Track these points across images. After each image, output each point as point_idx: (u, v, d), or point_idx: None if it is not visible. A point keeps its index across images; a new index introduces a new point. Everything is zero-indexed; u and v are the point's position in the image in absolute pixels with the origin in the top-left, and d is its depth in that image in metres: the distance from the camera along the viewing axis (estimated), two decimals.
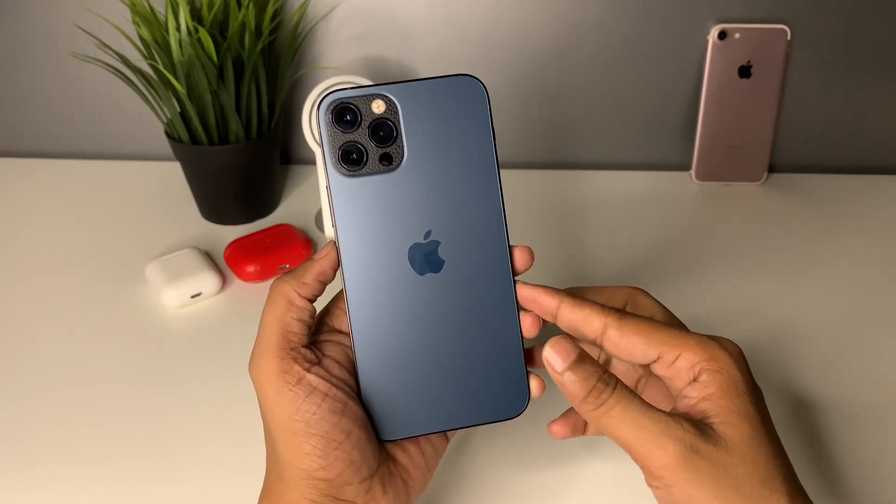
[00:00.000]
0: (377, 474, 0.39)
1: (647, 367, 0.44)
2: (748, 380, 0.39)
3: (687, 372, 0.39)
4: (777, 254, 0.73)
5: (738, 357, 0.39)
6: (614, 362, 0.45)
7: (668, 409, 0.38)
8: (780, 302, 0.66)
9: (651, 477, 0.36)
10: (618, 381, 0.37)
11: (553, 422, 0.45)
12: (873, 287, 0.68)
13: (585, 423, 0.45)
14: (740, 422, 0.37)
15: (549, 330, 0.42)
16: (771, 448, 0.37)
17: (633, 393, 0.37)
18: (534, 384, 0.41)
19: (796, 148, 0.86)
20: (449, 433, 0.43)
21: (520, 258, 0.40)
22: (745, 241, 0.75)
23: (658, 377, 0.41)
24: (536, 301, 0.40)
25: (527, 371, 0.40)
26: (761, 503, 0.35)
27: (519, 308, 0.40)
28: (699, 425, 0.36)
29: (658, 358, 0.39)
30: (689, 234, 0.76)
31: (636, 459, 0.37)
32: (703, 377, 0.38)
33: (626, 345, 0.39)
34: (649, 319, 0.41)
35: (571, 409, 0.45)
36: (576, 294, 0.40)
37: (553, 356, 0.37)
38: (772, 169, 0.86)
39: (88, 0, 0.79)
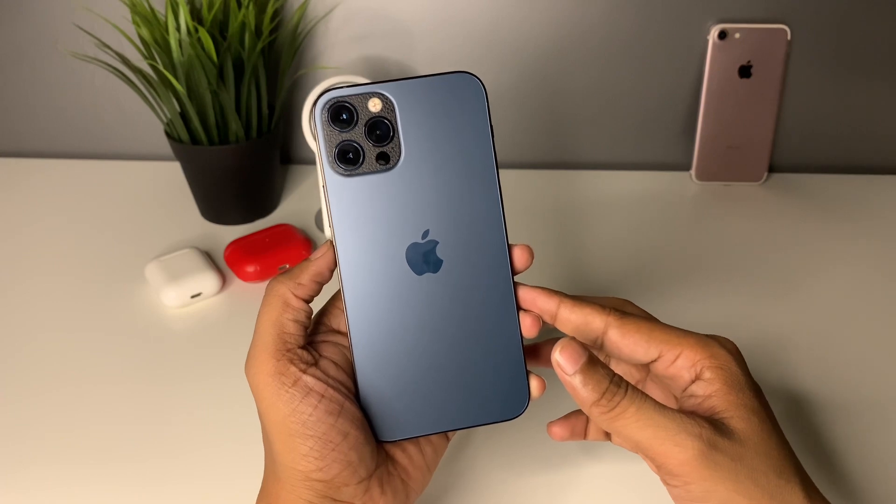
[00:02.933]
0: (375, 475, 0.39)
1: (644, 371, 0.44)
2: (748, 376, 0.39)
3: (688, 370, 0.39)
4: (777, 253, 0.73)
5: (737, 354, 0.40)
6: (612, 367, 0.45)
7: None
8: (780, 301, 0.66)
9: (669, 475, 0.36)
10: (628, 383, 0.37)
11: (553, 423, 0.45)
12: (873, 286, 0.68)
13: (586, 428, 0.45)
14: (749, 415, 0.37)
15: (547, 329, 0.41)
16: (780, 440, 0.37)
17: (644, 393, 0.37)
18: (534, 384, 0.40)
19: (796, 148, 0.86)
20: (449, 433, 0.43)
21: (519, 257, 0.40)
22: (745, 241, 0.75)
23: (658, 378, 0.41)
24: (535, 302, 0.40)
25: (527, 371, 0.40)
26: (778, 493, 0.36)
27: (519, 308, 0.40)
28: (711, 421, 0.36)
29: (658, 357, 0.39)
30: (689, 234, 0.76)
31: (653, 459, 0.37)
32: (707, 374, 0.38)
33: (628, 344, 0.39)
34: (649, 319, 0.41)
35: (573, 411, 0.45)
36: (574, 296, 0.40)
37: (562, 359, 0.37)
38: (772, 169, 0.86)
39: (88, 0, 0.79)
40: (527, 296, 0.40)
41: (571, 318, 0.40)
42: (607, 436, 0.45)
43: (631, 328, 0.39)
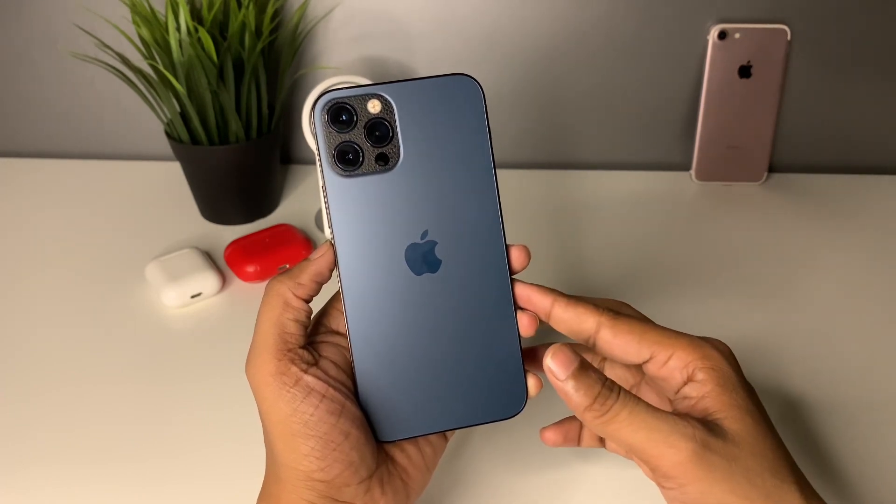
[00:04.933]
0: (376, 475, 0.39)
1: (639, 376, 0.44)
2: (741, 377, 0.39)
3: (680, 371, 0.39)
4: (776, 253, 0.73)
5: (729, 355, 0.40)
6: (607, 370, 0.45)
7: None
8: (780, 301, 0.66)
9: (664, 478, 0.36)
10: (620, 387, 0.37)
11: (546, 428, 0.45)
12: (873, 287, 0.68)
13: (579, 434, 0.45)
14: (743, 416, 0.37)
15: (546, 329, 0.42)
16: (774, 440, 0.37)
17: (636, 397, 0.37)
18: (531, 383, 0.40)
19: (796, 148, 0.86)
20: (447, 433, 0.43)
21: (516, 257, 0.40)
22: (745, 241, 0.75)
23: (651, 380, 0.41)
24: (530, 299, 0.40)
25: (524, 370, 0.40)
26: (774, 493, 0.36)
27: (516, 307, 0.40)
28: (705, 422, 0.37)
29: (651, 357, 0.39)
30: (689, 235, 0.76)
31: (647, 462, 0.37)
32: (700, 376, 0.38)
33: (620, 344, 0.39)
34: (642, 319, 0.41)
35: (566, 417, 0.45)
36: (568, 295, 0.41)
37: (554, 365, 0.37)
38: (772, 169, 0.86)
39: (88, 0, 0.79)
40: (522, 292, 0.40)
41: (564, 316, 0.40)
42: (601, 442, 0.45)
43: (623, 328, 0.39)
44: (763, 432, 0.37)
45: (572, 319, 0.40)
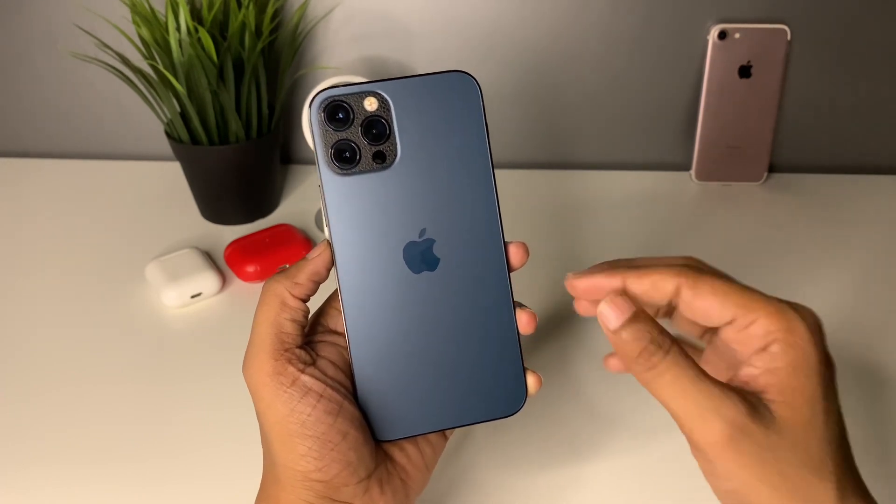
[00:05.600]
0: (375, 475, 0.39)
1: (714, 329, 0.41)
2: (821, 357, 0.36)
3: (759, 339, 0.36)
4: (777, 254, 0.73)
5: (816, 331, 0.37)
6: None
7: (724, 378, 0.37)
8: None
9: (695, 449, 0.36)
10: (673, 344, 0.36)
11: (610, 355, 0.43)
12: (873, 287, 0.68)
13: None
14: (801, 404, 0.35)
15: (548, 331, 0.41)
16: (827, 433, 0.35)
17: (687, 359, 0.35)
18: (531, 381, 0.40)
19: (796, 148, 0.86)
20: (447, 432, 0.43)
21: (515, 254, 0.40)
22: (745, 241, 0.75)
23: (722, 343, 0.39)
24: (597, 288, 0.39)
25: (524, 368, 0.40)
26: (807, 489, 0.34)
27: (515, 304, 0.40)
28: (753, 402, 0.35)
29: (732, 320, 0.37)
30: (689, 235, 0.76)
31: (681, 429, 0.36)
32: (775, 348, 0.36)
33: (701, 306, 0.37)
34: (725, 278, 0.38)
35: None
36: (634, 265, 0.39)
37: (608, 311, 0.36)
38: (772, 169, 0.86)
39: (88, 0, 0.79)
40: (584, 285, 0.39)
41: (639, 290, 0.38)
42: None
43: (705, 290, 0.37)
44: (816, 424, 0.35)
45: (647, 291, 0.38)
